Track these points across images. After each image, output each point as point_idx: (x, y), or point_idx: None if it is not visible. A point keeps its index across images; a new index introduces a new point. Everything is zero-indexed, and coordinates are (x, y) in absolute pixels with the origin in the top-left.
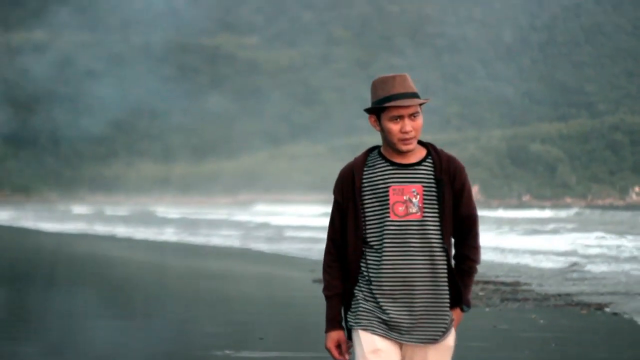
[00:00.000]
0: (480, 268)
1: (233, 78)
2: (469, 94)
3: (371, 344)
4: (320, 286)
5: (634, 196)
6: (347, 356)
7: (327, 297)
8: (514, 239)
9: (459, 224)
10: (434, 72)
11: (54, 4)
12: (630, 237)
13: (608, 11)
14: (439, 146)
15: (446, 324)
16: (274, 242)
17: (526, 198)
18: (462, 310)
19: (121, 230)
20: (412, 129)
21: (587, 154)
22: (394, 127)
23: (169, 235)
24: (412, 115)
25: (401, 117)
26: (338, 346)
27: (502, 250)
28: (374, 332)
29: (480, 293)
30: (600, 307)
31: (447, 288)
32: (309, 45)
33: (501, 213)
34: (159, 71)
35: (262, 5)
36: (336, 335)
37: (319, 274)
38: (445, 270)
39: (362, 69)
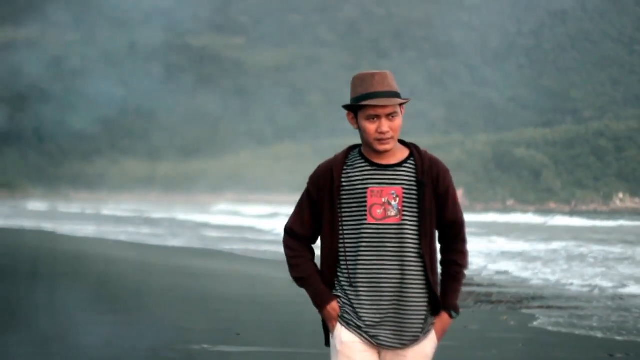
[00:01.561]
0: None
1: (219, 78)
2: (455, 98)
3: (350, 357)
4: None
5: (617, 202)
6: None
7: (306, 278)
8: (493, 243)
9: (444, 230)
10: (420, 75)
11: (43, 1)
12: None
13: (594, 18)
14: (422, 148)
15: (415, 330)
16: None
17: (510, 202)
18: (450, 316)
19: (66, 228)
20: (388, 130)
21: (572, 159)
22: (370, 127)
23: (114, 234)
24: (390, 115)
25: (378, 116)
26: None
27: (480, 254)
28: (353, 342)
29: None
30: (566, 310)
31: (417, 294)
32: (295, 47)
33: (483, 217)
34: (146, 70)
35: (249, 6)
36: (336, 306)
37: None
38: (418, 276)
39: (348, 72)
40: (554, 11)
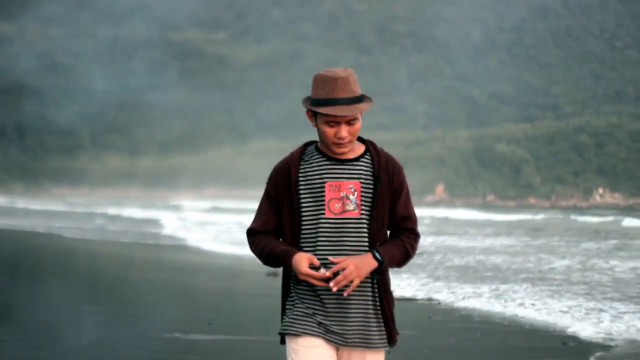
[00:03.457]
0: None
1: (201, 73)
2: (436, 93)
3: (306, 355)
4: (275, 279)
5: (597, 198)
6: (323, 270)
7: (267, 245)
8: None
9: (397, 224)
10: (401, 70)
11: None
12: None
13: (576, 14)
14: (378, 145)
15: (382, 330)
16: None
17: (490, 198)
18: (374, 256)
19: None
20: (347, 135)
21: (552, 155)
22: (329, 131)
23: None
24: (350, 121)
25: (337, 122)
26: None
27: (454, 249)
28: (309, 335)
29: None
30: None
31: (368, 289)
32: (277, 42)
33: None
34: (127, 66)
35: (231, 1)
36: (302, 256)
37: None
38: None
39: (330, 67)
40: (535, 7)
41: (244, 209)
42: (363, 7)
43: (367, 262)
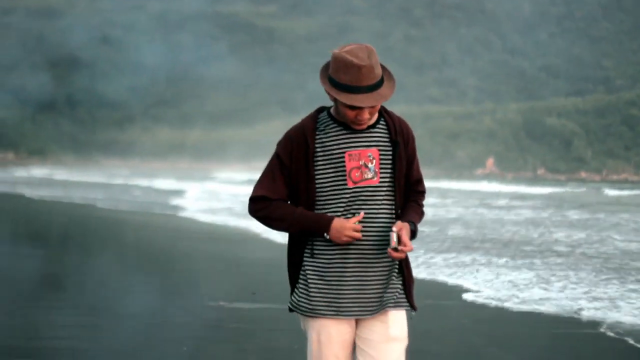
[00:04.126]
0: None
1: (250, 46)
2: (486, 66)
3: (326, 335)
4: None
5: None
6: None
7: (299, 212)
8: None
9: (410, 187)
10: (451, 44)
11: None
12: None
13: None
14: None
15: (398, 293)
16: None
17: (541, 172)
18: (412, 228)
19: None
20: (368, 116)
21: (603, 128)
22: (350, 113)
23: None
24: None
25: (360, 107)
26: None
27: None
28: (325, 317)
29: None
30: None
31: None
32: (326, 16)
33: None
34: (177, 39)
35: None
36: (341, 219)
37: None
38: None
39: (380, 40)
40: None
41: None
42: None
43: (407, 229)
